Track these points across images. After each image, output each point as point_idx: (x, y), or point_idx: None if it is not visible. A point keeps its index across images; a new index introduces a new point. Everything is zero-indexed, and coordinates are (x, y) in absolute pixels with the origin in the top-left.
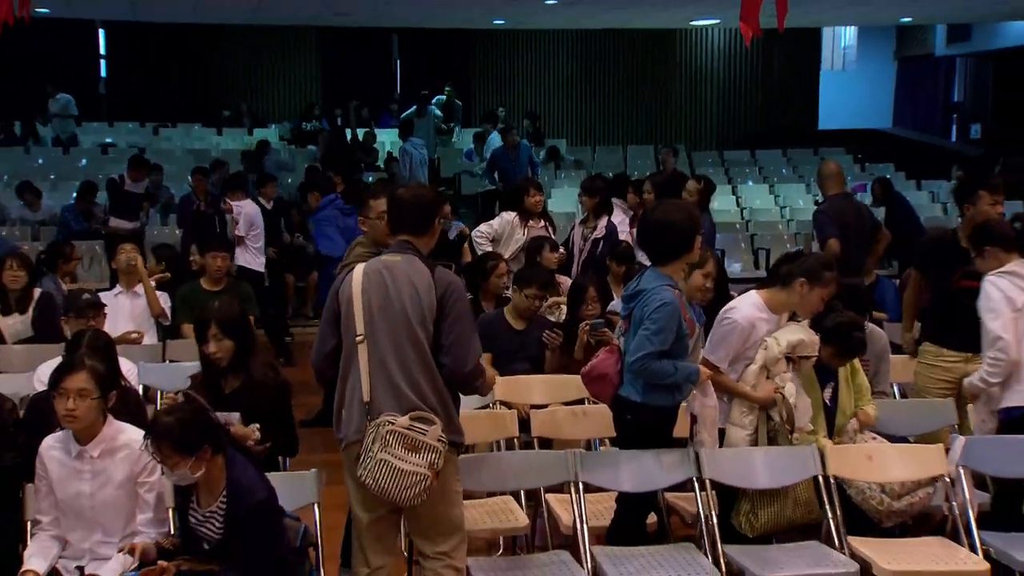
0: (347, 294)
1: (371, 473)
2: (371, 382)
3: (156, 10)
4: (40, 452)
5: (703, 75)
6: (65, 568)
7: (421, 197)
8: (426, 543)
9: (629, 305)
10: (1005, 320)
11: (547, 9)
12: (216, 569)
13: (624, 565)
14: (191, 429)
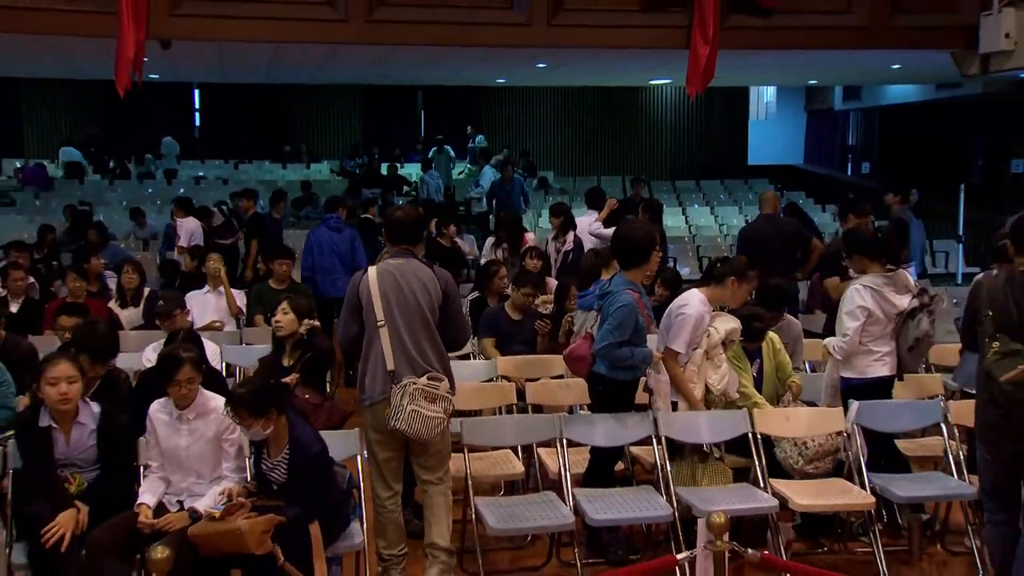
0: (366, 290)
1: (405, 421)
2: (393, 356)
3: (238, 74)
4: (149, 414)
5: (659, 122)
6: (169, 502)
7: (413, 216)
8: (429, 473)
9: (600, 302)
10: (857, 323)
11: (538, 71)
12: (282, 505)
13: (597, 502)
14: (260, 397)
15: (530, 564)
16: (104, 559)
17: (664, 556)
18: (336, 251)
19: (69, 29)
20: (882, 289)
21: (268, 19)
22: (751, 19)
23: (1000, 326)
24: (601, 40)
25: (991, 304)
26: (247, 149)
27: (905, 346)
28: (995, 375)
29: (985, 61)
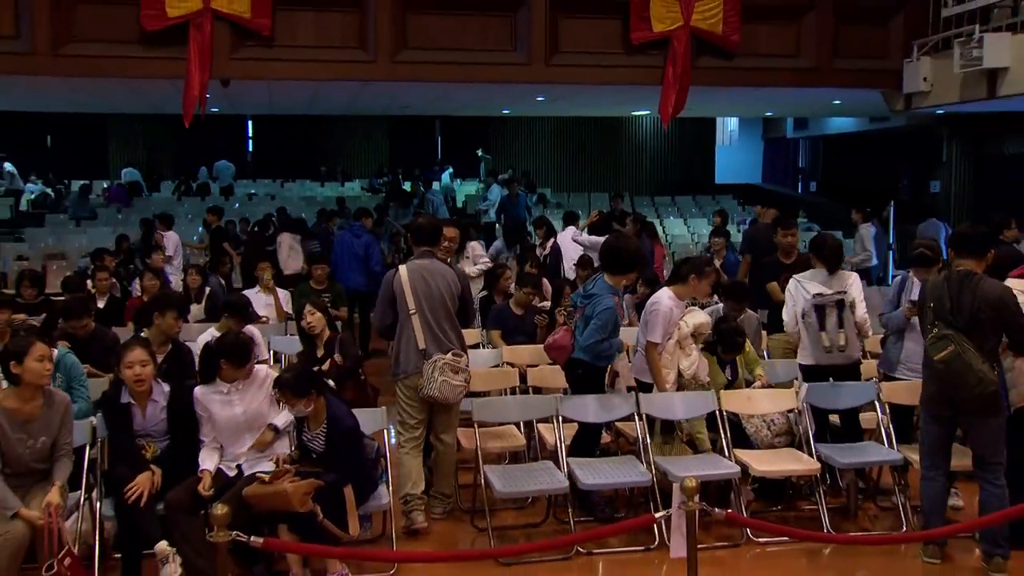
0: (400, 285)
1: (438, 389)
2: (424, 338)
3: (284, 105)
4: (196, 397)
5: (640, 146)
6: (228, 467)
7: (434, 223)
8: (444, 435)
9: (585, 301)
10: (792, 312)
11: (538, 103)
12: (321, 471)
13: (589, 469)
14: (302, 381)
15: (530, 522)
16: (179, 514)
17: (644, 515)
18: (355, 253)
19: (146, 73)
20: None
21: (310, 61)
22: (716, 60)
23: (936, 315)
24: (590, 77)
25: (931, 297)
26: (291, 170)
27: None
28: (931, 355)
29: (908, 99)
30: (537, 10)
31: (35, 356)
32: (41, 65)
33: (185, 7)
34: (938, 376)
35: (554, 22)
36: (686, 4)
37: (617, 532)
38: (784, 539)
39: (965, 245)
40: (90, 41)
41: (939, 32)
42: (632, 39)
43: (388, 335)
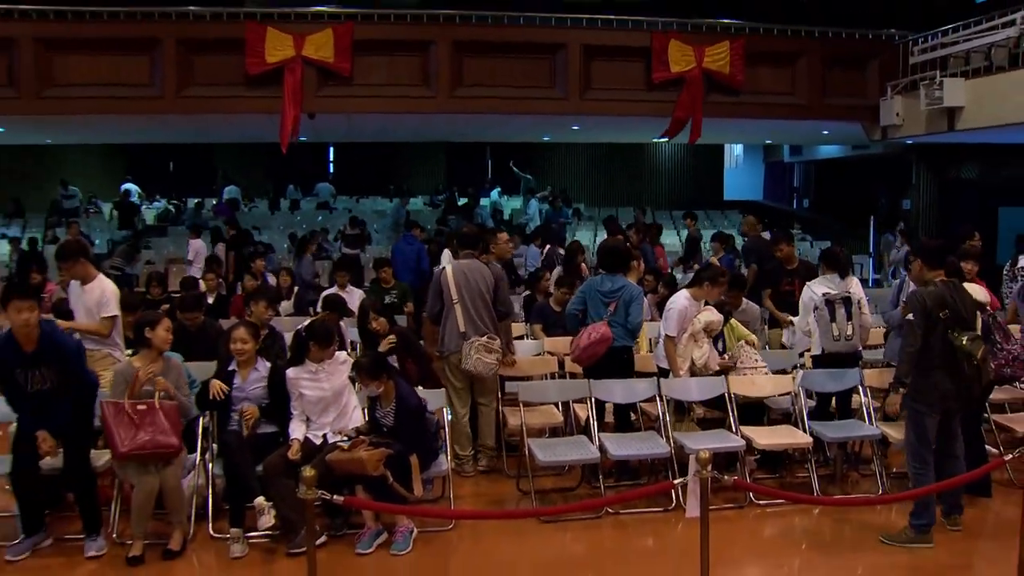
0: (446, 280)
1: (472, 365)
2: (463, 323)
3: (360, 134)
4: (289, 376)
5: (660, 167)
6: (316, 436)
7: (475, 232)
8: (484, 399)
9: (617, 295)
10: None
11: (573, 132)
12: (391, 441)
13: (616, 442)
14: (375, 365)
15: (567, 486)
16: (275, 476)
17: (663, 482)
18: (408, 257)
19: (249, 109)
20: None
21: (382, 97)
22: (724, 96)
23: (955, 321)
24: (617, 110)
25: (936, 306)
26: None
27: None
28: (974, 354)
29: (884, 131)
30: (573, 54)
31: (164, 327)
32: (168, 106)
33: (281, 54)
34: (965, 373)
35: (587, 64)
36: (699, 49)
37: (640, 496)
38: (781, 502)
39: (936, 258)
40: (205, 85)
41: (908, 76)
42: (653, 78)
43: (436, 320)
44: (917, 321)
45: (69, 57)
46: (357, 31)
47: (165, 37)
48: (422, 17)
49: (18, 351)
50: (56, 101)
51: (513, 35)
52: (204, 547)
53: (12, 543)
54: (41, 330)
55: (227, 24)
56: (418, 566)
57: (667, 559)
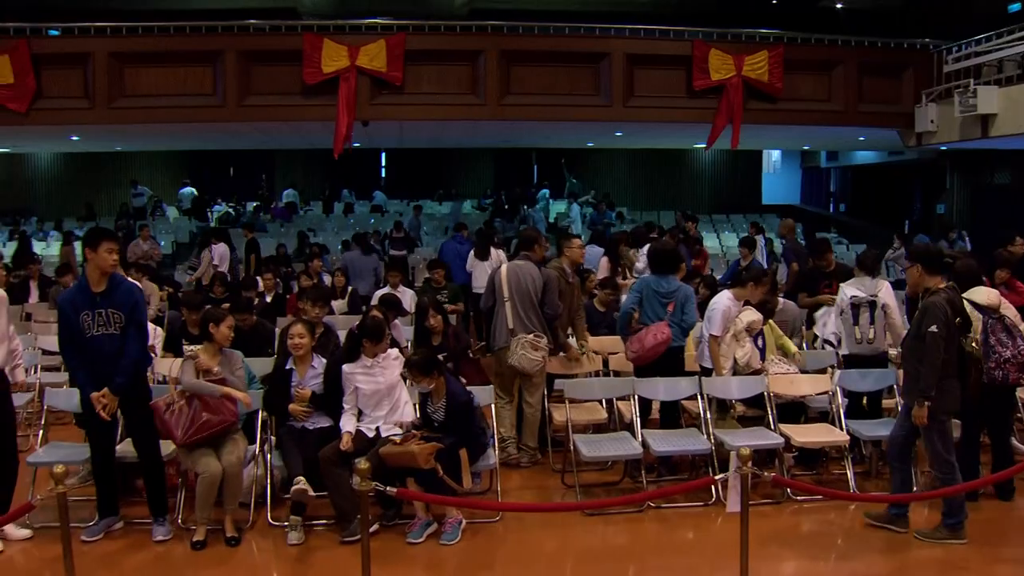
0: (500, 278)
1: (518, 361)
2: (512, 320)
3: (411, 140)
4: (344, 372)
5: (700, 172)
6: (368, 429)
7: (533, 233)
8: (530, 397)
9: (674, 295)
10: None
11: (616, 138)
12: (441, 436)
13: (658, 439)
14: (427, 363)
15: (610, 480)
16: (329, 466)
17: (704, 477)
18: (458, 256)
19: (305, 117)
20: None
21: (432, 105)
22: (763, 103)
23: (966, 329)
24: (659, 117)
25: (957, 313)
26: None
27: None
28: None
29: (919, 137)
30: (616, 63)
31: (227, 324)
32: (229, 114)
33: (336, 64)
34: (972, 378)
35: (630, 72)
36: (738, 58)
37: (682, 491)
38: (819, 498)
39: (937, 264)
40: (265, 94)
41: (942, 84)
42: (694, 86)
43: (488, 315)
44: (941, 332)
45: (139, 69)
46: (409, 42)
47: (227, 49)
48: (471, 28)
49: (87, 291)
50: (127, 111)
51: (559, 44)
52: (263, 534)
53: (87, 525)
54: (112, 274)
55: (285, 36)
56: (466, 556)
57: (707, 552)
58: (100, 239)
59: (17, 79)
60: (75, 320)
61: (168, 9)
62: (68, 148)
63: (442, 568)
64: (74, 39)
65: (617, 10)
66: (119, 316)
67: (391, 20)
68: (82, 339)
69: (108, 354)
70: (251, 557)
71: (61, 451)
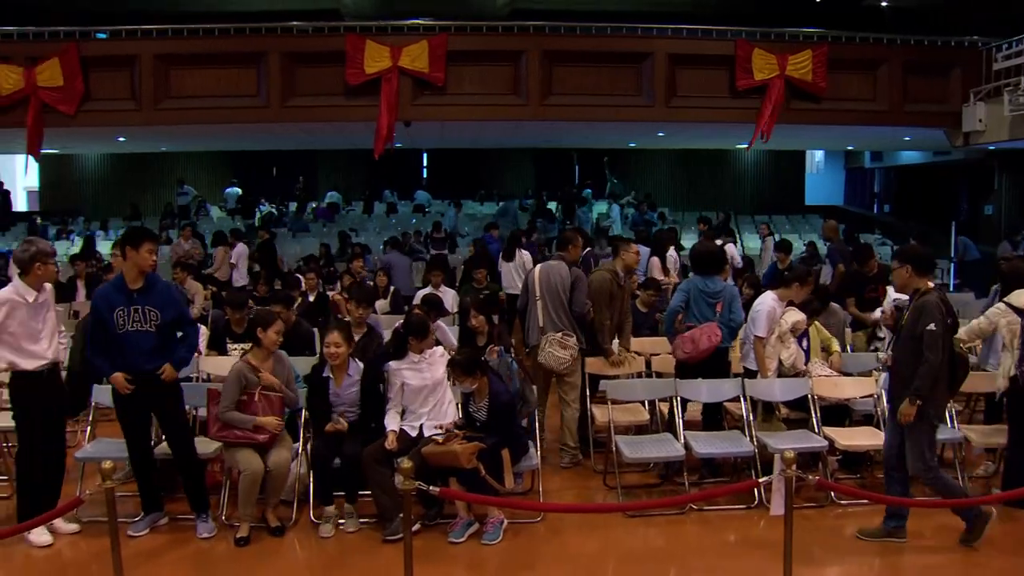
0: (533, 278)
1: (545, 359)
2: (543, 319)
3: (452, 140)
4: (391, 368)
5: (742, 173)
6: (412, 427)
7: (571, 235)
8: (567, 396)
9: (720, 295)
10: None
11: (659, 138)
12: (484, 435)
13: (701, 440)
14: (470, 363)
15: (651, 482)
16: (372, 465)
17: (747, 480)
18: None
19: (347, 117)
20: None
21: (474, 105)
22: (807, 103)
23: (953, 329)
24: (702, 117)
25: (949, 313)
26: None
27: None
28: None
29: (967, 137)
30: (659, 62)
31: (275, 329)
32: (273, 115)
33: (379, 65)
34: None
35: (672, 72)
36: (782, 57)
37: (725, 493)
38: (863, 502)
39: (928, 265)
40: (308, 95)
41: (991, 82)
42: (737, 86)
43: (522, 315)
44: (939, 330)
45: (184, 71)
46: (451, 42)
47: (271, 51)
48: (513, 28)
49: (123, 288)
50: (172, 112)
51: (601, 44)
52: (305, 531)
53: (134, 520)
54: (148, 273)
55: (328, 37)
56: (508, 556)
57: (750, 556)
58: (142, 239)
59: (66, 82)
60: (108, 316)
61: (212, 11)
62: (114, 149)
63: (484, 567)
64: (121, 42)
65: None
66: (155, 314)
67: (433, 21)
68: (113, 335)
69: (141, 349)
70: (294, 554)
71: (108, 447)
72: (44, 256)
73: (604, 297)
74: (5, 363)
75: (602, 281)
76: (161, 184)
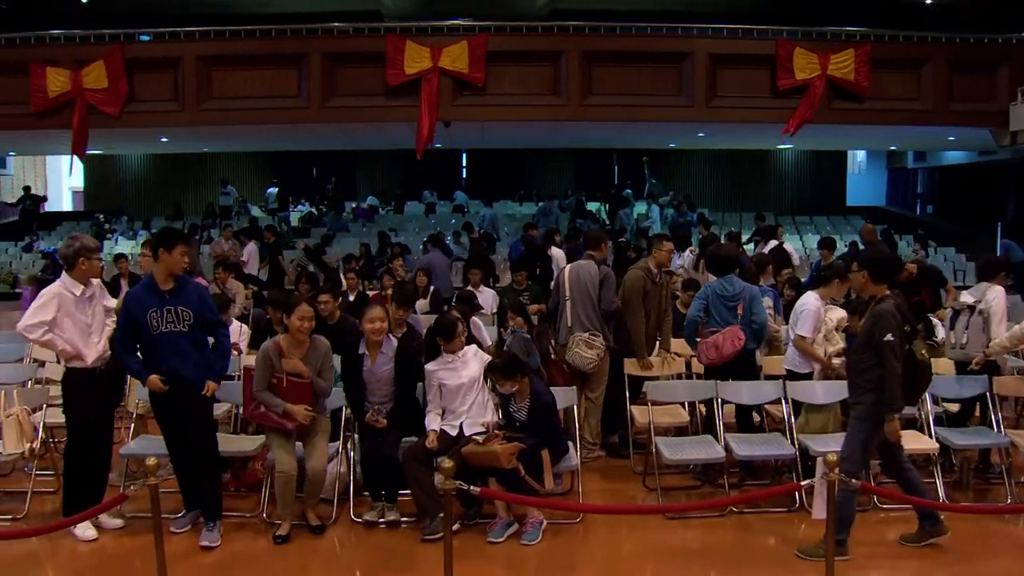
0: (563, 278)
1: (571, 358)
2: (571, 317)
3: (492, 141)
4: (428, 370)
5: (783, 173)
6: (453, 427)
7: (597, 234)
8: (591, 392)
9: (740, 296)
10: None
11: (699, 138)
12: (524, 436)
13: (741, 442)
14: (509, 366)
15: (691, 484)
16: (413, 463)
17: (788, 483)
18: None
19: (388, 118)
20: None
21: (513, 106)
22: (849, 103)
23: (911, 335)
24: (743, 117)
25: (905, 320)
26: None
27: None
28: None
29: (1014, 136)
30: (699, 62)
31: (299, 314)
32: (313, 115)
33: (419, 66)
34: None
35: (713, 72)
36: (824, 56)
37: (765, 496)
38: (906, 506)
39: (887, 273)
40: (348, 95)
41: None
42: (778, 86)
43: (552, 315)
44: (896, 341)
45: (226, 72)
46: (490, 43)
47: (311, 52)
48: (552, 28)
49: (155, 289)
50: (214, 112)
51: (640, 44)
52: (345, 529)
53: (176, 516)
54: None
55: (369, 38)
56: (547, 556)
57: (791, 559)
58: (176, 241)
59: (111, 83)
60: (141, 318)
61: (254, 13)
62: (157, 149)
63: (523, 568)
64: (165, 44)
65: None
66: (188, 314)
67: (473, 21)
68: (148, 337)
69: (175, 350)
70: (333, 552)
71: (152, 444)
72: (88, 252)
73: (637, 295)
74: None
75: (635, 280)
76: (202, 184)
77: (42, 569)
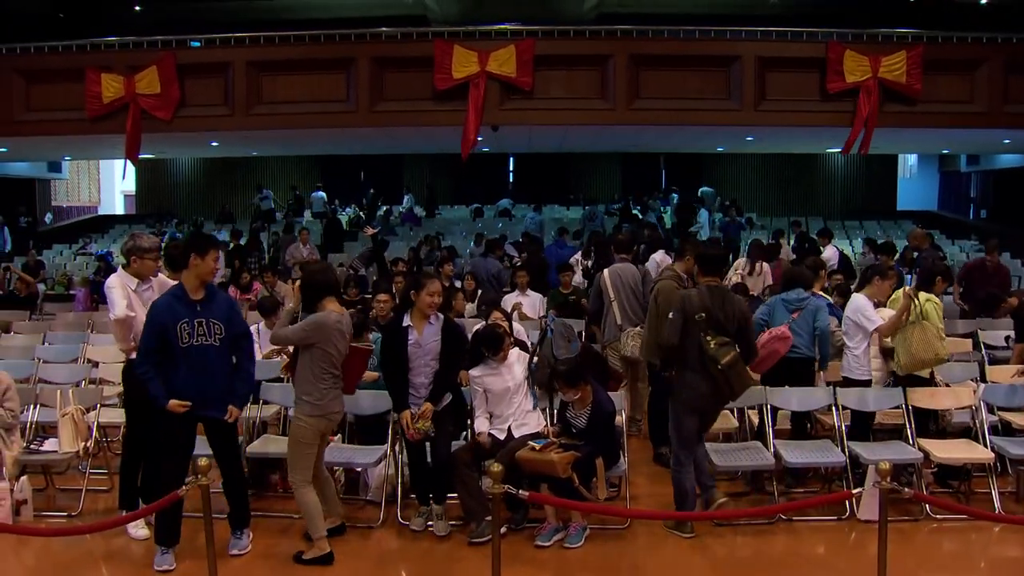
0: (604, 282)
1: (630, 350)
2: (620, 316)
3: (539, 145)
4: (473, 375)
5: (832, 177)
6: (501, 430)
7: (630, 237)
8: (639, 381)
9: (803, 303)
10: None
11: (747, 142)
12: (580, 444)
13: (791, 449)
14: (574, 373)
15: (739, 491)
16: (461, 466)
17: (839, 491)
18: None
19: (435, 122)
20: None
21: (561, 110)
22: (901, 106)
23: (711, 325)
24: (792, 120)
25: (701, 309)
26: (544, 196)
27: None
28: (719, 359)
29: None
30: (748, 65)
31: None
32: (361, 119)
33: (467, 70)
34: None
35: (761, 75)
36: (875, 59)
37: (816, 504)
38: (961, 516)
39: (713, 266)
40: (396, 100)
41: None
42: (828, 89)
43: (595, 317)
44: (676, 318)
45: (275, 77)
46: (538, 47)
47: (359, 56)
48: (600, 32)
49: (186, 299)
50: (264, 117)
51: (688, 48)
52: (391, 531)
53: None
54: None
55: (416, 43)
56: (593, 561)
57: (840, 568)
58: (209, 247)
59: (163, 88)
60: (172, 330)
61: (302, 19)
62: (207, 153)
63: (570, 572)
64: (215, 50)
65: (746, 12)
66: (219, 327)
67: (520, 26)
68: (175, 350)
69: (207, 364)
70: (380, 555)
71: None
72: (139, 251)
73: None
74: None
75: (669, 290)
76: (250, 187)
77: (96, 566)
